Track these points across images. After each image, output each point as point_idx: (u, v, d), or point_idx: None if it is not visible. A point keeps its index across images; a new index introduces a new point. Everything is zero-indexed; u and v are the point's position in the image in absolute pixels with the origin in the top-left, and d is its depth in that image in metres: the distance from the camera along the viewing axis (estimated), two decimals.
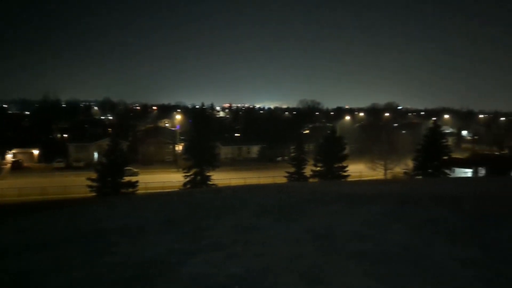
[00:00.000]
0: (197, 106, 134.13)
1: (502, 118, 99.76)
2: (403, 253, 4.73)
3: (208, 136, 40.92)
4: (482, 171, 40.93)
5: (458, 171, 41.57)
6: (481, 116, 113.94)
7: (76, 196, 34.35)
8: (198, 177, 38.35)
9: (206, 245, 5.11)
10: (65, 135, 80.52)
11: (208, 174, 38.52)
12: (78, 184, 36.66)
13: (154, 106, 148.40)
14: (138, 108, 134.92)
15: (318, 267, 4.25)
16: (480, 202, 8.07)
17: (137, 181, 32.28)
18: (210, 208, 7.79)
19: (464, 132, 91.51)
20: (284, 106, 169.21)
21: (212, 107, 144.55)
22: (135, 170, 48.41)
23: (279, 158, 65.26)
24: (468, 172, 41.67)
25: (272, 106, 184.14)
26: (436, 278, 3.94)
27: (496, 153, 60.90)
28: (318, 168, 41.06)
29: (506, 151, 61.15)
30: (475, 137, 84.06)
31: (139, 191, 31.52)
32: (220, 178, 40.46)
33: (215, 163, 40.16)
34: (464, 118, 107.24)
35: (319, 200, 8.22)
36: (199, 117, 46.54)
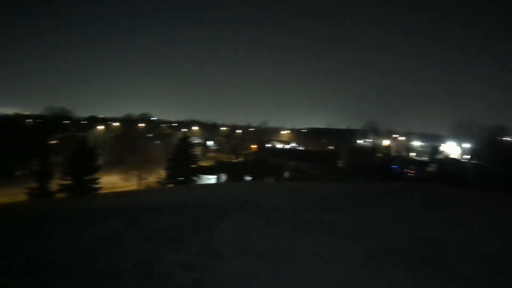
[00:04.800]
0: None
1: (238, 131, 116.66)
2: (134, 267, 4.86)
3: None
4: (223, 177, 46.80)
5: (204, 178, 46.15)
6: (222, 128, 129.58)
7: None
8: None
9: None
10: None
11: None
12: None
13: None
14: None
15: None
16: (211, 206, 9.21)
17: None
18: None
19: (210, 142, 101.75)
20: (26, 113, 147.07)
21: None
22: None
23: (19, 172, 56.23)
24: (212, 179, 46.78)
25: (10, 112, 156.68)
26: (160, 285, 4.23)
27: (234, 161, 70.82)
28: (67, 182, 37.67)
29: (241, 159, 71.74)
30: (218, 146, 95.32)
31: None
32: None
33: None
34: (209, 129, 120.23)
35: (49, 220, 7.55)
36: None
